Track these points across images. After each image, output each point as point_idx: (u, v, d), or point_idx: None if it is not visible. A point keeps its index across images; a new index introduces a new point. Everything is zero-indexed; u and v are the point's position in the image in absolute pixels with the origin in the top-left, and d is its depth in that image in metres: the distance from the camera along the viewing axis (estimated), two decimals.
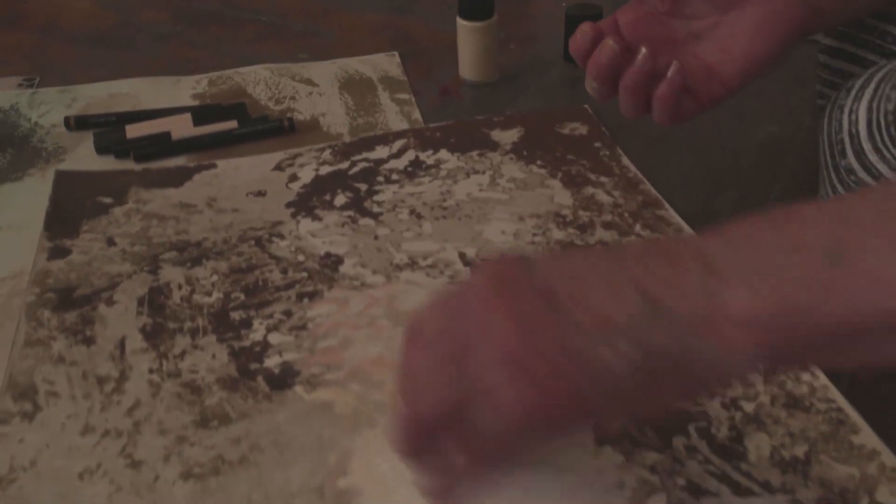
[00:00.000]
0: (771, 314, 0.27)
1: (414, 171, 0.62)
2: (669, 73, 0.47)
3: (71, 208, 0.59)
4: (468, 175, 0.62)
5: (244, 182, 0.62)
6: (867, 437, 0.40)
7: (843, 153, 0.46)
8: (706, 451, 0.40)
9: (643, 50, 0.46)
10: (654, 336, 0.28)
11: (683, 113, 0.49)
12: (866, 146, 0.44)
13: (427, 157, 0.64)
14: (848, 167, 0.45)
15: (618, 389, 0.29)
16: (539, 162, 0.63)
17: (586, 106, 0.69)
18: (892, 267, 0.25)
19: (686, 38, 0.49)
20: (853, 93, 0.46)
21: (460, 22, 0.72)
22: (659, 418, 0.41)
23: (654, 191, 0.59)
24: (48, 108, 0.72)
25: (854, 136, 0.45)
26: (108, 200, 0.60)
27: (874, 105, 0.44)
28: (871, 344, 0.27)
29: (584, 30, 0.48)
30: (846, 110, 0.46)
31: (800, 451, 0.40)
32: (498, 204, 0.59)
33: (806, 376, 0.44)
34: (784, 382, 0.43)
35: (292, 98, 0.73)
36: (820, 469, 0.39)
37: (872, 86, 0.46)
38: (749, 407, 0.42)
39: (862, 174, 0.44)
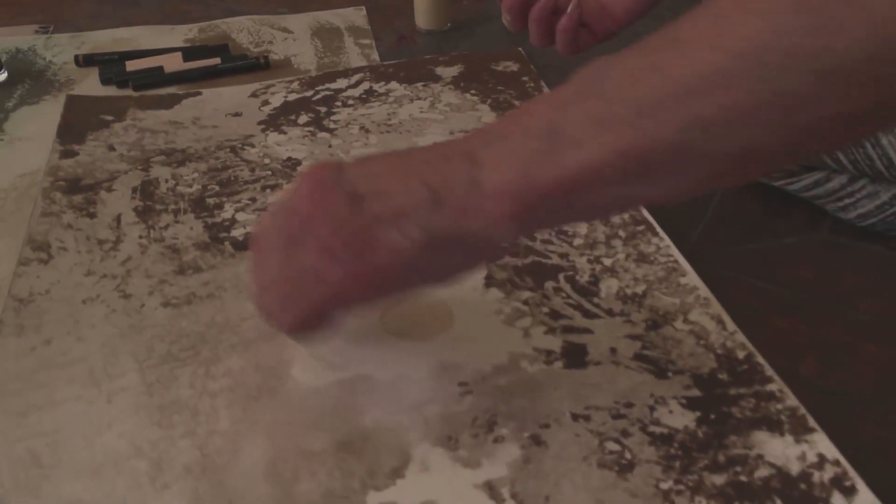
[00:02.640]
0: (512, 186, 0.34)
1: (367, 97, 0.73)
2: (569, 9, 0.57)
3: (79, 122, 0.71)
4: (412, 101, 0.73)
5: (224, 106, 0.73)
6: (692, 278, 0.51)
7: None
8: (568, 290, 0.51)
9: None
10: (437, 221, 0.35)
11: (581, 45, 0.59)
12: None
13: (379, 87, 0.75)
14: None
15: (411, 266, 0.36)
16: (473, 91, 0.74)
17: (520, 49, 0.80)
18: (583, 132, 0.33)
19: None
20: None
21: None
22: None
23: None
24: (60, 49, 0.83)
25: None
26: (109, 118, 0.71)
27: None
28: (588, 195, 0.34)
29: None
30: None
31: (639, 289, 0.51)
32: (434, 122, 0.70)
33: (654, 239, 0.55)
34: (637, 244, 0.54)
35: (269, 42, 0.84)
36: (651, 300, 0.50)
37: None
38: (608, 262, 0.53)
39: None
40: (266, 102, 0.74)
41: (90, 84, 0.78)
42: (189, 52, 0.79)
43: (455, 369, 0.47)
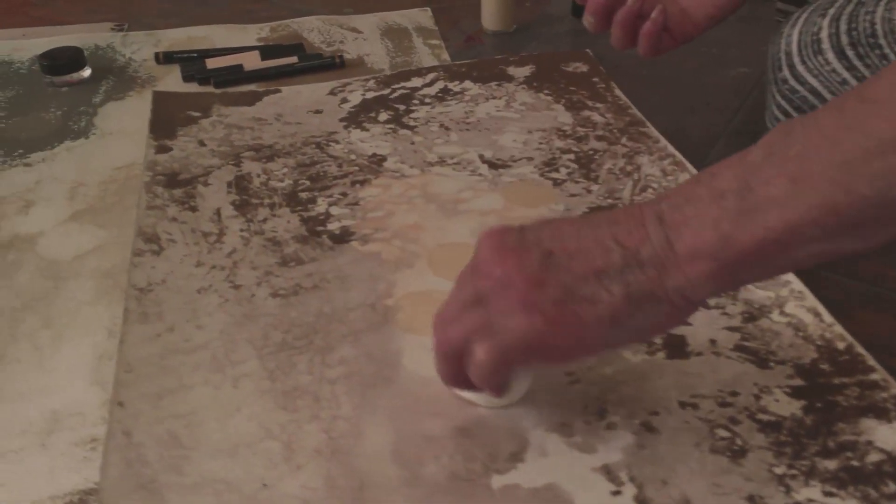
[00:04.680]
0: (708, 246, 0.35)
1: (443, 96, 0.75)
2: (653, 14, 0.59)
3: (168, 118, 0.73)
4: (487, 99, 0.75)
5: (304, 103, 0.76)
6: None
7: (780, 68, 0.58)
8: None
9: None
10: (635, 278, 0.37)
11: (662, 48, 0.61)
12: (796, 60, 0.56)
13: (454, 86, 0.77)
14: (783, 78, 0.58)
15: (613, 320, 0.37)
16: (546, 91, 0.76)
17: (588, 51, 0.82)
18: (782, 192, 0.34)
19: None
20: (791, 22, 0.59)
21: None
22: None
23: (639, 113, 0.72)
24: (138, 47, 0.86)
25: (788, 54, 0.57)
26: (196, 114, 0.73)
27: (804, 29, 0.57)
28: (789, 253, 0.35)
29: None
30: (784, 35, 0.58)
31: None
32: (511, 121, 0.72)
33: None
34: None
35: (341, 42, 0.86)
36: (746, 294, 0.52)
37: (805, 15, 0.58)
38: None
39: (793, 83, 0.57)
40: (345, 100, 0.76)
41: (172, 81, 0.80)
42: (266, 51, 0.82)
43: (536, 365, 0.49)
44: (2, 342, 0.51)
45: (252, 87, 0.79)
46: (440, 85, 0.78)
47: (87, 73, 0.79)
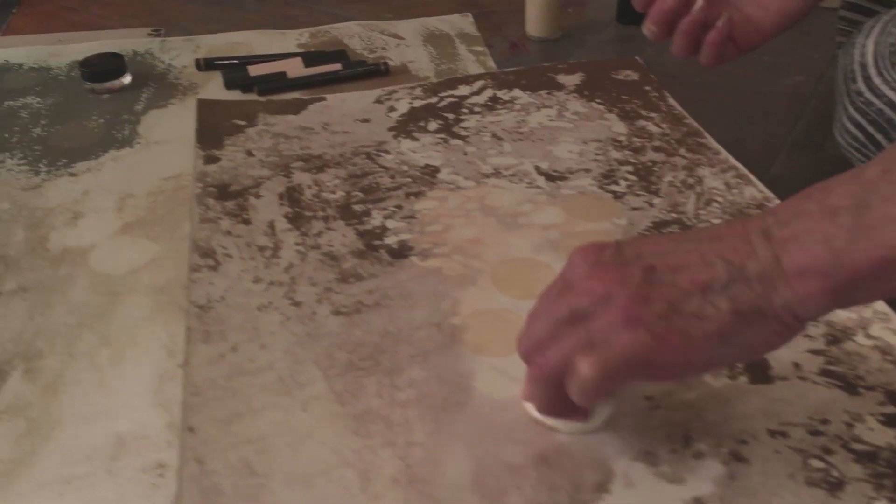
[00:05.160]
0: (819, 263, 0.34)
1: (493, 105, 0.74)
2: (719, 23, 0.57)
3: (213, 127, 0.71)
4: (538, 109, 0.73)
5: (351, 111, 0.74)
6: None
7: (854, 79, 0.56)
8: None
9: (700, 1, 0.57)
10: (741, 294, 0.36)
11: (726, 57, 0.59)
12: (872, 72, 0.55)
13: (503, 94, 0.75)
14: (858, 90, 0.56)
15: (720, 335, 0.36)
16: (598, 100, 0.74)
17: (637, 58, 0.80)
18: None
19: None
20: (864, 32, 0.57)
21: None
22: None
23: (696, 124, 0.70)
24: (177, 53, 0.84)
25: (863, 65, 0.56)
26: (242, 123, 0.72)
27: (880, 39, 0.55)
28: None
29: None
30: (857, 45, 0.56)
31: None
32: (564, 131, 0.70)
33: None
34: None
35: (383, 48, 0.85)
36: (829, 315, 0.50)
37: (879, 26, 0.56)
38: None
39: (868, 95, 0.55)
40: (392, 108, 0.74)
41: (214, 88, 0.78)
42: (309, 58, 0.80)
43: (638, 385, 0.47)
44: (60, 361, 0.49)
45: (296, 94, 0.77)
46: (489, 93, 0.76)
47: (127, 79, 0.78)
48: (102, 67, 0.76)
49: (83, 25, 0.93)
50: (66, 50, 0.85)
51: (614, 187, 0.64)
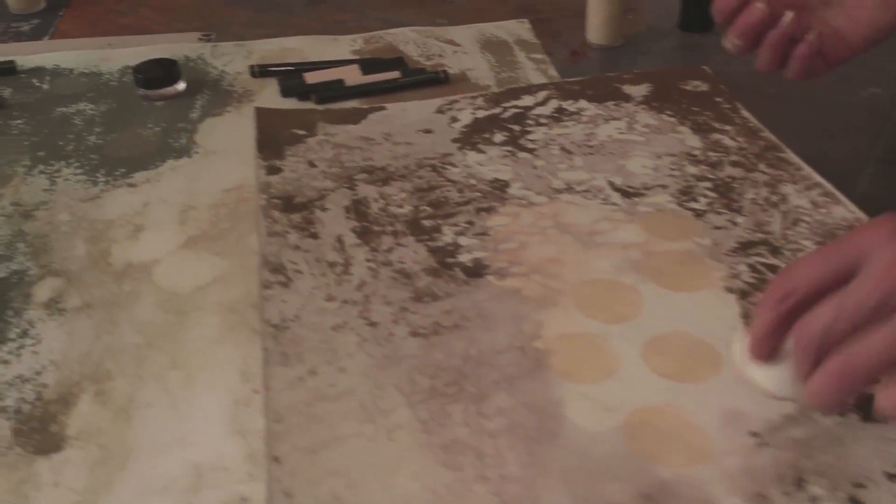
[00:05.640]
0: None
1: (559, 116, 0.71)
2: (810, 37, 0.54)
3: (273, 137, 0.69)
4: (607, 121, 0.71)
5: (412, 121, 0.72)
6: None
7: None
8: None
9: (790, 14, 0.54)
10: None
11: (814, 71, 0.57)
12: None
13: (568, 105, 0.73)
14: None
15: None
16: (668, 112, 0.72)
17: (705, 67, 0.78)
18: None
19: (817, 3, 0.57)
20: None
21: None
22: None
23: (773, 137, 0.68)
24: (230, 58, 0.82)
25: None
26: (301, 132, 0.70)
27: None
28: None
29: None
30: None
31: None
32: (636, 144, 0.68)
33: None
34: None
35: (440, 56, 0.82)
36: None
37: None
38: None
39: None
40: (455, 119, 0.72)
41: (269, 96, 0.77)
42: (367, 65, 0.78)
43: (741, 417, 0.44)
44: (130, 384, 0.47)
45: (354, 103, 0.75)
46: (554, 104, 0.74)
47: (181, 86, 0.76)
48: (157, 74, 0.75)
49: (131, 29, 0.92)
50: (116, 54, 0.83)
51: (694, 204, 0.61)
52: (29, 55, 0.83)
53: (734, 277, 0.54)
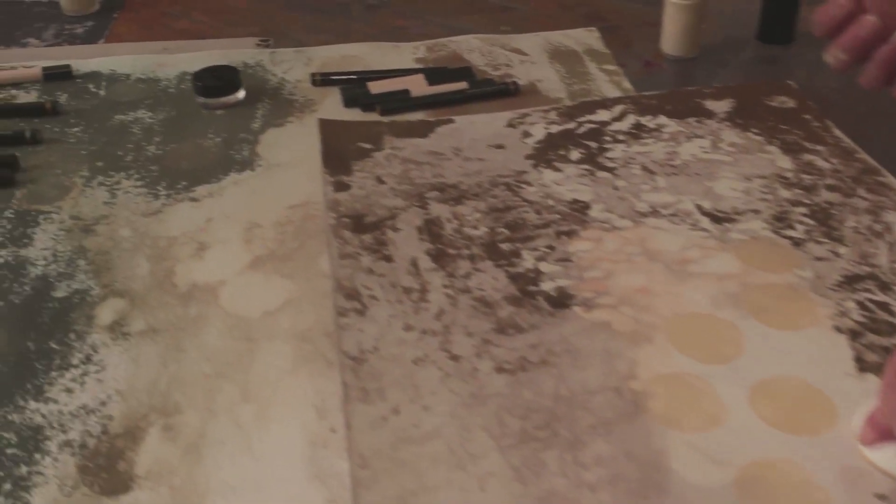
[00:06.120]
0: None
1: (637, 133, 0.68)
2: None
3: (339, 150, 0.66)
4: (689, 138, 0.67)
5: (482, 136, 0.69)
6: None
7: None
8: None
9: None
10: None
11: None
12: None
13: (647, 121, 0.69)
14: None
15: None
16: (754, 130, 0.68)
17: (790, 82, 0.74)
18: None
19: None
20: None
21: (670, 0, 0.77)
22: None
23: (871, 159, 0.63)
24: (289, 65, 0.80)
25: None
26: (368, 146, 0.67)
27: None
28: None
29: (842, 3, 0.53)
30: None
31: None
32: (723, 165, 0.64)
33: None
34: None
35: (507, 65, 0.79)
36: None
37: None
38: None
39: None
40: (527, 134, 0.69)
41: (332, 105, 0.74)
42: (432, 75, 0.75)
43: (864, 476, 0.41)
44: (200, 418, 0.45)
45: (420, 115, 0.72)
46: (631, 119, 0.70)
47: (241, 94, 0.73)
48: (217, 82, 0.72)
49: (186, 33, 0.89)
50: (172, 60, 0.80)
51: (790, 232, 0.57)
52: (84, 59, 0.81)
53: (842, 315, 0.50)
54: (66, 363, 0.48)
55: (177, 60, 0.80)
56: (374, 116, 0.72)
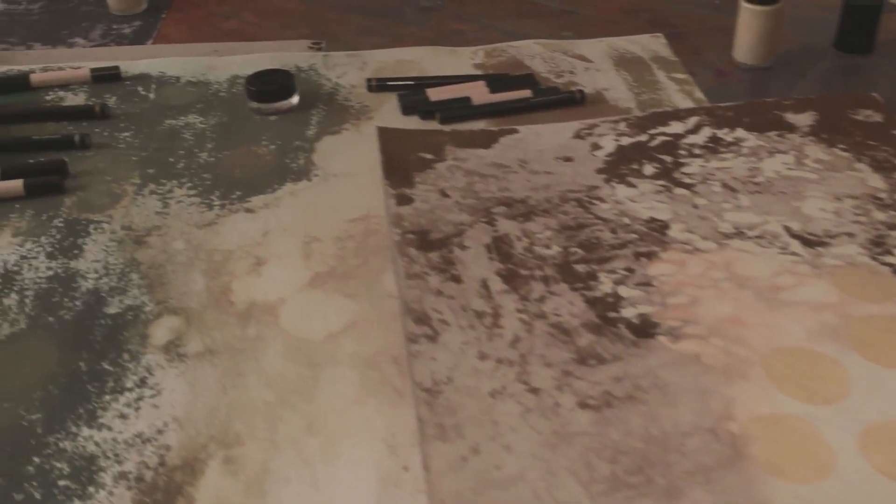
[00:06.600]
0: None
1: (715, 147, 0.64)
2: None
3: (400, 161, 0.63)
4: (771, 154, 0.63)
5: (548, 147, 0.65)
6: None
7: None
8: None
9: None
10: None
11: None
12: None
13: (724, 134, 0.65)
14: None
15: None
16: (841, 146, 0.63)
17: (875, 94, 0.70)
18: None
19: None
20: None
21: (745, 5, 0.73)
22: None
23: None
24: (343, 70, 0.77)
25: None
26: (429, 156, 0.64)
27: None
28: None
29: None
30: None
31: None
32: (809, 183, 0.60)
33: None
34: None
35: (570, 72, 0.76)
36: None
37: None
38: None
39: None
40: (596, 146, 0.65)
41: (389, 112, 0.71)
42: (494, 82, 0.72)
43: None
44: (263, 450, 0.42)
45: (481, 124, 0.69)
46: (707, 132, 0.66)
47: (295, 100, 0.71)
48: (271, 86, 0.69)
49: (236, 34, 0.87)
50: (223, 62, 0.78)
51: (889, 258, 0.53)
52: (132, 60, 0.79)
53: None
54: (119, 386, 0.45)
55: (227, 63, 0.78)
56: (432, 125, 0.69)
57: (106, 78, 0.75)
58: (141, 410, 0.44)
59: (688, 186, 0.60)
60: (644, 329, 0.48)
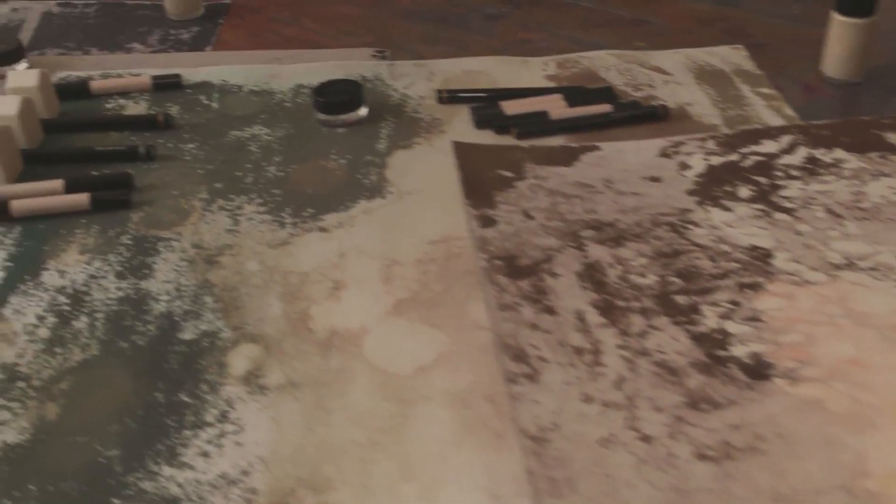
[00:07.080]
0: None
1: (813, 168, 0.60)
2: None
3: (479, 179, 0.60)
4: (875, 177, 0.59)
5: (633, 166, 0.62)
6: None
7: None
8: None
9: None
10: None
11: None
12: None
13: (821, 154, 0.62)
14: None
15: None
16: None
17: None
18: None
19: None
20: None
21: (837, 17, 0.70)
22: None
23: None
24: (410, 80, 0.74)
25: None
26: (509, 174, 0.61)
27: None
28: None
29: None
30: None
31: None
32: None
33: None
34: None
35: (649, 85, 0.72)
36: None
37: None
38: None
39: None
40: (685, 165, 0.62)
41: (461, 126, 0.67)
42: (572, 95, 0.69)
43: None
44: (356, 496, 0.38)
45: (559, 139, 0.66)
46: (803, 152, 0.62)
47: (364, 111, 0.68)
48: (340, 97, 0.67)
49: (297, 41, 0.84)
50: (286, 71, 0.75)
51: None
52: (192, 68, 0.77)
53: None
54: (200, 420, 0.42)
55: (290, 72, 0.75)
56: (508, 140, 0.66)
57: (167, 86, 0.73)
58: (224, 448, 0.41)
59: (788, 211, 0.56)
60: (758, 370, 0.45)
